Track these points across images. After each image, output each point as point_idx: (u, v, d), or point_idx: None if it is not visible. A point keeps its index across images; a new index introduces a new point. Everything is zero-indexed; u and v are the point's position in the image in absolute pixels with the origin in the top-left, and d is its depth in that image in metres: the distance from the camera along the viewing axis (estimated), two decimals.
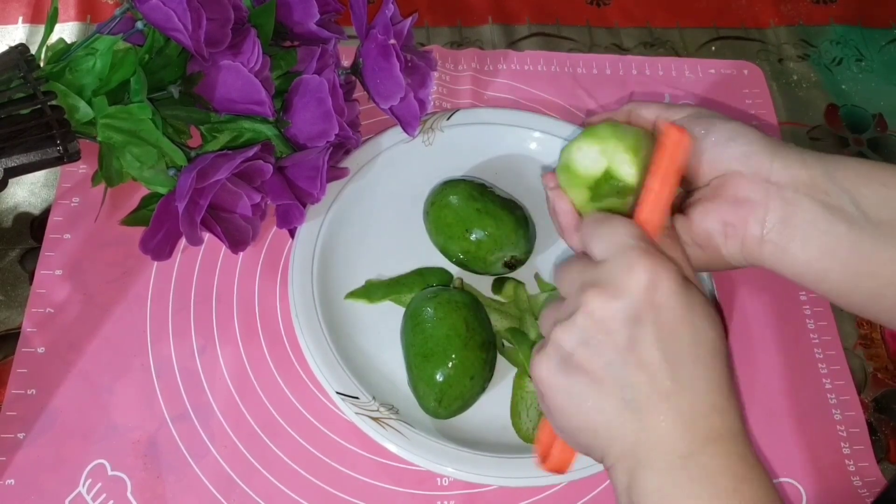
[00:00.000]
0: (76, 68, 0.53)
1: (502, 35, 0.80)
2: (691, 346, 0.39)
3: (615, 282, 0.40)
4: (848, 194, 0.43)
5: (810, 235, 0.44)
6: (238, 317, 0.60)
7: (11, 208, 0.65)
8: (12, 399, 0.55)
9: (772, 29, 0.83)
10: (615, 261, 0.40)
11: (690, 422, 0.38)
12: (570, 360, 0.40)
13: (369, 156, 0.65)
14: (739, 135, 0.46)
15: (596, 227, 0.43)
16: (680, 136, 0.43)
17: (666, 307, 0.39)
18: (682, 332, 0.39)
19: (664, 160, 0.43)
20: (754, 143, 0.46)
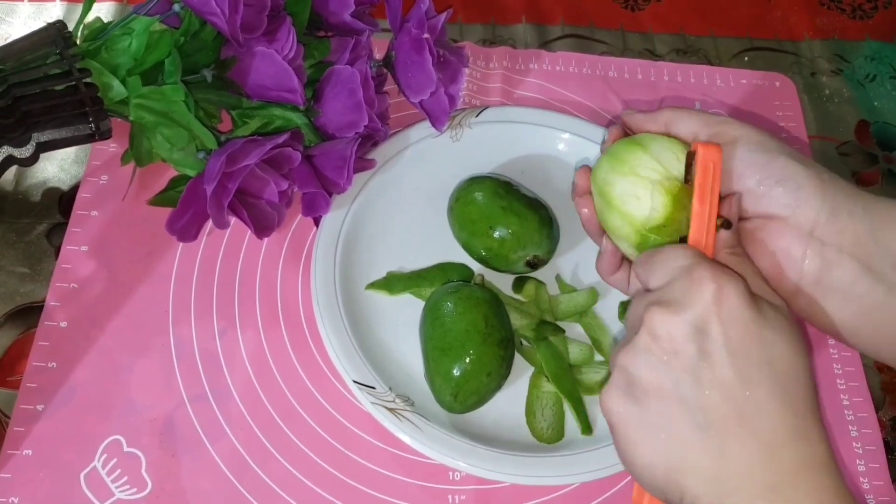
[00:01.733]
0: (112, 47, 0.53)
1: (535, 35, 0.80)
2: (767, 365, 0.37)
3: (677, 297, 0.38)
4: (891, 256, 0.41)
5: (847, 296, 0.42)
6: (260, 302, 0.60)
7: (41, 183, 0.65)
8: (33, 371, 0.56)
9: (806, 42, 0.83)
10: (676, 280, 0.39)
11: (773, 449, 0.36)
12: (637, 385, 0.38)
13: (397, 149, 0.65)
14: (790, 177, 0.43)
15: (650, 261, 0.42)
16: (712, 153, 0.43)
17: (735, 320, 0.37)
18: (755, 349, 0.37)
19: (701, 180, 0.43)
20: (803, 191, 0.43)
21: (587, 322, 0.60)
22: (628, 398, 0.39)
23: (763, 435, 0.36)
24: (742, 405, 0.36)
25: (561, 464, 0.52)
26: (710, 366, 0.37)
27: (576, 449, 0.53)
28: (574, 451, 0.53)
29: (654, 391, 0.38)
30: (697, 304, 0.37)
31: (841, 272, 0.42)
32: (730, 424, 0.36)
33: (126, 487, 0.53)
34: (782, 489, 0.36)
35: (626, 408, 0.39)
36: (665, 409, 0.38)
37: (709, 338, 0.37)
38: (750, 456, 0.36)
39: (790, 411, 0.37)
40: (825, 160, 0.74)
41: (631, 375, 0.39)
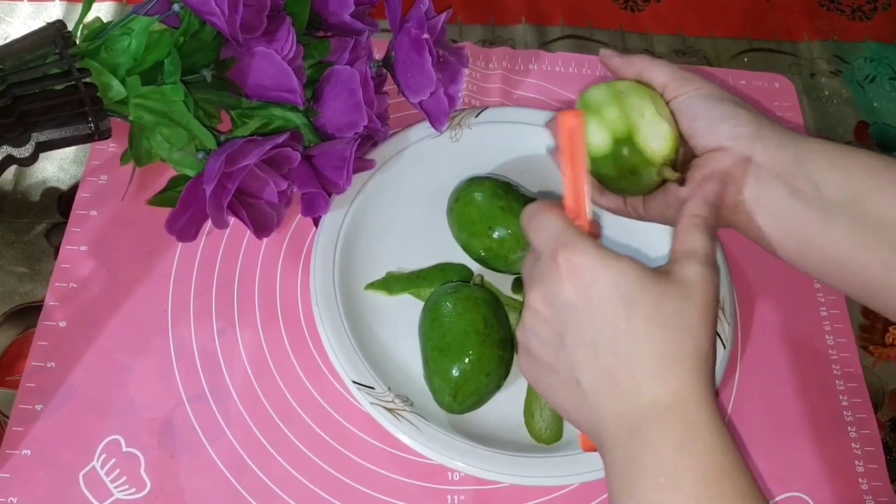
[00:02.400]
0: (111, 47, 0.53)
1: (535, 35, 0.80)
2: (625, 320, 0.40)
3: (544, 276, 0.43)
4: (811, 178, 0.47)
5: (774, 211, 0.48)
6: (259, 302, 0.60)
7: (40, 182, 0.65)
8: (32, 371, 0.56)
9: (805, 43, 0.83)
10: (543, 256, 0.44)
11: (631, 394, 0.39)
12: (530, 354, 0.44)
13: (396, 149, 0.65)
14: (732, 116, 0.49)
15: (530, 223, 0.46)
16: (570, 119, 0.46)
17: (590, 288, 0.41)
18: (613, 308, 0.40)
19: (565, 146, 0.46)
20: (742, 126, 0.49)
21: None
22: (531, 365, 0.45)
23: (622, 382, 0.40)
24: (606, 359, 0.40)
25: (560, 464, 0.52)
26: (575, 330, 0.41)
27: (575, 449, 0.53)
28: (573, 451, 0.53)
29: (543, 359, 0.43)
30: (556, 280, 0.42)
31: (769, 189, 0.48)
32: (598, 378, 0.41)
33: (125, 487, 0.53)
34: (637, 428, 0.39)
35: (532, 373, 0.45)
36: (552, 374, 0.43)
37: (570, 307, 0.41)
38: (615, 403, 0.40)
39: (651, 357, 0.39)
40: None
41: (527, 347, 0.45)
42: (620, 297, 0.40)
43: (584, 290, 0.41)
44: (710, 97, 0.51)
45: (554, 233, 0.44)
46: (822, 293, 0.65)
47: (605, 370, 0.40)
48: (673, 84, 0.52)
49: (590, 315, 0.41)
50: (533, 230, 0.45)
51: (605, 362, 0.40)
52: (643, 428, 0.39)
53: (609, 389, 0.40)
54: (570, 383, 0.42)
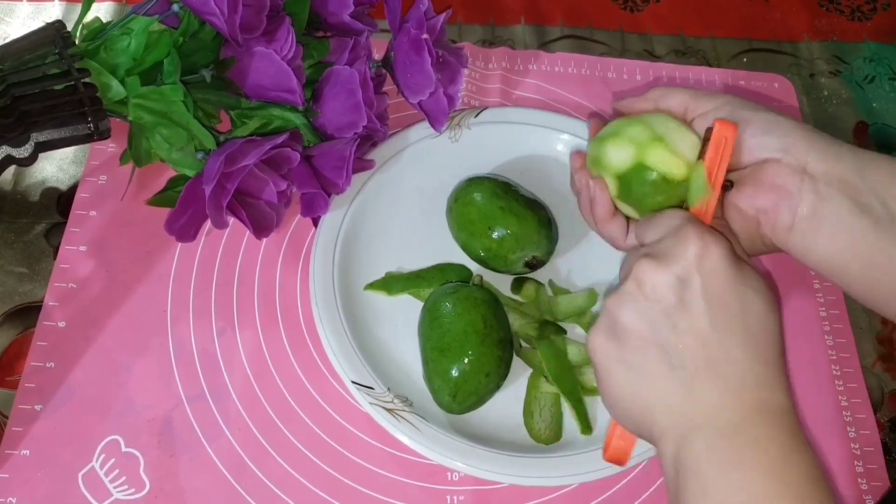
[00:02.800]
0: (111, 47, 0.53)
1: (534, 36, 0.80)
2: (741, 317, 0.40)
3: (665, 251, 0.42)
4: (876, 193, 0.44)
5: (836, 229, 0.45)
6: (258, 302, 0.60)
7: (39, 182, 0.65)
8: (31, 371, 0.56)
9: (805, 43, 0.83)
10: (667, 237, 0.43)
11: (738, 392, 0.39)
12: (620, 327, 0.42)
13: (396, 149, 0.65)
14: (777, 125, 0.47)
15: (649, 220, 0.46)
16: (727, 129, 0.46)
17: (715, 275, 0.40)
18: (731, 302, 0.40)
19: (713, 154, 0.45)
20: (791, 134, 0.46)
21: (586, 323, 0.60)
22: (612, 338, 0.43)
23: (730, 379, 0.40)
24: (713, 351, 0.40)
25: (559, 464, 0.52)
26: (688, 313, 0.40)
27: (574, 450, 0.53)
28: (572, 451, 0.53)
29: (636, 333, 0.42)
30: (682, 258, 0.41)
31: (832, 205, 0.45)
32: (700, 367, 0.40)
33: (124, 488, 0.52)
34: (743, 427, 0.39)
35: (609, 346, 0.43)
36: (643, 349, 0.41)
37: (689, 289, 0.40)
38: (716, 396, 0.39)
39: (758, 361, 0.40)
40: None
41: (616, 318, 0.42)
42: (741, 295, 0.40)
43: (709, 276, 0.40)
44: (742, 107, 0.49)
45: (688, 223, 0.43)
46: (822, 293, 0.65)
47: (712, 361, 0.40)
48: (693, 103, 0.50)
49: (707, 302, 0.40)
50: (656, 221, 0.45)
51: (712, 353, 0.40)
52: (749, 427, 0.39)
53: (712, 381, 0.40)
54: (661, 364, 0.41)
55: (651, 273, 0.41)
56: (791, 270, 0.65)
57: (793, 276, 0.65)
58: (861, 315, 0.65)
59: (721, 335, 0.40)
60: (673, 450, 0.40)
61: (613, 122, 0.52)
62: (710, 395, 0.39)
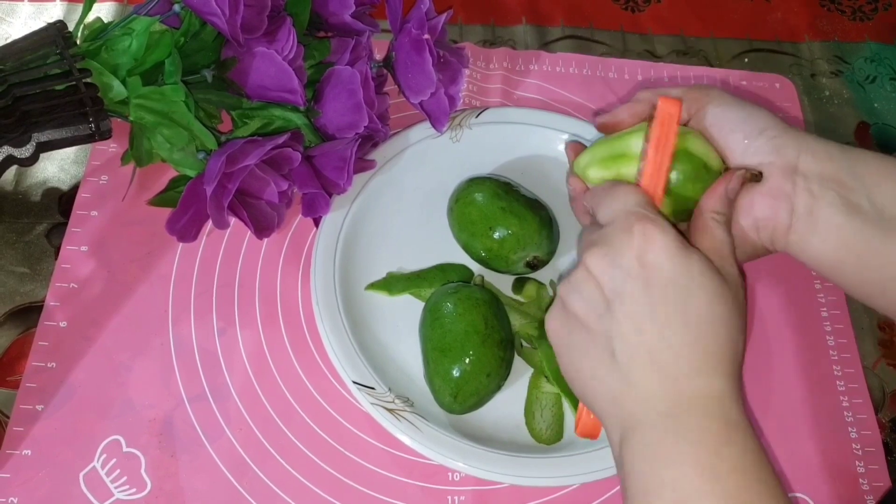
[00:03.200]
0: (112, 48, 0.53)
1: (535, 36, 0.80)
2: (682, 307, 0.40)
3: (611, 240, 0.42)
4: (866, 190, 0.45)
5: (830, 228, 0.45)
6: (259, 302, 0.60)
7: (41, 183, 0.65)
8: (33, 371, 0.56)
9: (806, 43, 0.83)
10: (614, 223, 0.43)
11: (673, 380, 0.39)
12: (569, 313, 0.43)
13: (397, 149, 0.65)
14: (769, 126, 0.47)
15: (602, 195, 0.46)
16: (672, 107, 0.46)
17: (657, 267, 0.41)
18: (672, 295, 0.40)
19: (658, 130, 0.46)
20: (783, 135, 0.47)
21: None
22: (563, 323, 0.44)
23: (665, 367, 0.40)
24: (650, 339, 0.40)
25: (560, 465, 0.52)
26: (628, 302, 0.41)
27: (575, 450, 0.53)
28: (573, 451, 0.53)
29: (582, 318, 0.43)
30: (626, 248, 0.41)
31: (825, 204, 0.45)
32: (639, 355, 0.40)
33: (125, 487, 0.53)
34: (677, 416, 0.39)
35: (561, 330, 0.44)
36: (587, 336, 0.42)
37: (630, 278, 0.41)
38: (653, 384, 0.40)
39: (695, 350, 0.40)
40: None
41: (566, 304, 0.44)
42: (682, 287, 0.40)
43: (650, 267, 0.41)
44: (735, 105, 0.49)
45: (633, 204, 0.43)
46: (823, 293, 0.65)
47: (648, 351, 0.40)
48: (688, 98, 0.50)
49: (647, 293, 0.40)
50: (606, 199, 0.45)
51: (649, 342, 0.40)
52: (683, 416, 0.39)
53: (648, 370, 0.40)
54: (603, 351, 0.41)
55: (596, 261, 0.42)
56: (792, 271, 0.65)
57: (794, 277, 0.65)
58: (862, 315, 0.65)
59: (660, 325, 0.40)
60: (617, 438, 0.41)
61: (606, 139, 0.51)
62: (647, 384, 0.40)
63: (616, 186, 0.46)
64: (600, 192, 0.46)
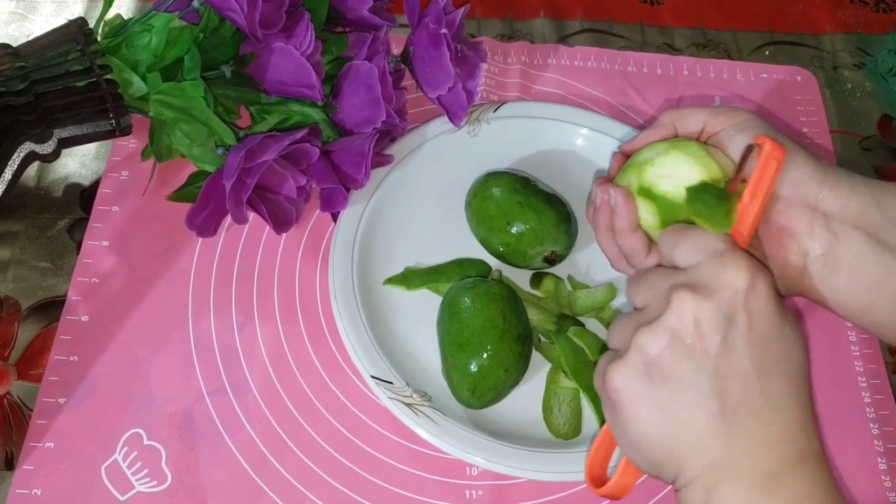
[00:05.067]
0: (132, 44, 0.54)
1: (553, 30, 0.80)
2: (783, 361, 0.38)
3: (709, 282, 0.38)
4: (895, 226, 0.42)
5: (856, 268, 0.43)
6: (278, 296, 0.60)
7: (62, 178, 0.66)
8: (55, 365, 0.57)
9: (828, 36, 0.82)
10: (709, 262, 0.39)
11: (778, 441, 0.37)
12: (656, 366, 0.38)
13: (414, 144, 0.65)
14: (790, 157, 0.44)
15: (680, 235, 0.42)
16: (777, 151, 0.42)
17: (761, 314, 0.38)
18: (774, 345, 0.38)
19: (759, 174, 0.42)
20: (804, 168, 0.44)
21: (605, 318, 0.60)
22: (643, 377, 0.39)
23: (771, 426, 0.37)
24: (755, 397, 0.37)
25: (578, 460, 0.52)
26: (732, 355, 0.37)
27: None
28: (591, 447, 0.53)
29: (672, 373, 0.38)
30: (728, 291, 0.38)
31: (849, 244, 0.42)
32: (741, 413, 0.37)
33: (146, 480, 0.53)
34: (781, 478, 0.37)
35: (640, 386, 0.39)
36: (680, 392, 0.38)
37: (734, 328, 0.37)
38: (756, 445, 0.37)
39: (799, 407, 0.38)
40: (847, 155, 0.73)
41: (649, 355, 0.39)
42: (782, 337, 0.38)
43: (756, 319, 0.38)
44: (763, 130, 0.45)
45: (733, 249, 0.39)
46: None
47: (753, 409, 0.37)
48: (712, 121, 0.48)
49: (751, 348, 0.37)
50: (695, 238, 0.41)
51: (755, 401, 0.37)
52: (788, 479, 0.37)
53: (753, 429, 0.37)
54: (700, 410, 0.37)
55: (693, 307, 0.38)
56: None
57: None
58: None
59: (763, 380, 0.37)
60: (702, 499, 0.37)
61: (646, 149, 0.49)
62: (750, 444, 0.37)
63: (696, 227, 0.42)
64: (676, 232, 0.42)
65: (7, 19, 0.75)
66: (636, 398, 0.39)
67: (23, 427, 0.54)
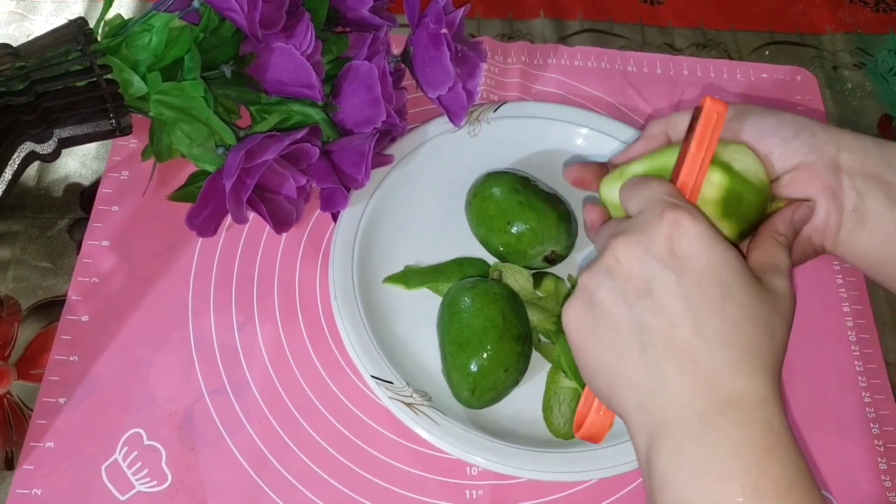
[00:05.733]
0: (132, 44, 0.54)
1: (553, 30, 0.80)
2: (718, 302, 0.38)
3: (641, 228, 0.40)
4: None
5: (876, 224, 0.44)
6: (278, 296, 0.60)
7: (62, 178, 0.66)
8: (55, 364, 0.57)
9: (828, 35, 0.82)
10: (645, 211, 0.41)
11: (711, 379, 0.37)
12: (595, 303, 0.41)
13: (414, 144, 0.65)
14: (802, 127, 0.46)
15: (633, 188, 0.44)
16: (718, 106, 0.44)
17: (692, 258, 0.39)
18: (709, 286, 0.38)
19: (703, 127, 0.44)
20: (818, 134, 0.46)
21: None
22: (586, 313, 0.41)
23: (702, 365, 0.37)
24: (687, 334, 0.38)
25: (578, 459, 0.52)
26: (661, 294, 0.39)
27: (593, 445, 0.53)
28: (591, 447, 0.53)
29: (609, 311, 0.40)
30: (658, 236, 0.40)
31: (871, 199, 0.44)
32: (672, 350, 0.38)
33: (146, 480, 0.53)
34: (712, 418, 0.36)
35: (583, 321, 0.42)
36: (615, 327, 0.40)
37: (665, 269, 0.39)
38: (686, 382, 0.37)
39: (734, 346, 0.38)
40: None
41: (591, 293, 0.41)
42: (718, 279, 0.38)
43: (684, 258, 0.39)
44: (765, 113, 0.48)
45: (666, 195, 0.41)
46: (845, 288, 0.65)
47: (684, 347, 0.38)
48: None
49: (681, 285, 0.38)
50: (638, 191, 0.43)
51: (684, 338, 0.38)
52: (721, 421, 0.36)
53: (682, 366, 0.37)
54: (631, 345, 0.39)
55: (626, 249, 0.40)
56: (813, 265, 0.64)
57: (815, 272, 0.65)
58: (885, 310, 0.64)
59: (696, 319, 0.38)
60: (644, 445, 0.38)
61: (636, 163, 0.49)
62: (680, 382, 0.37)
63: (648, 179, 0.44)
64: (631, 185, 0.44)
65: (7, 19, 0.75)
66: (581, 331, 0.42)
67: (23, 427, 0.54)
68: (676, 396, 0.38)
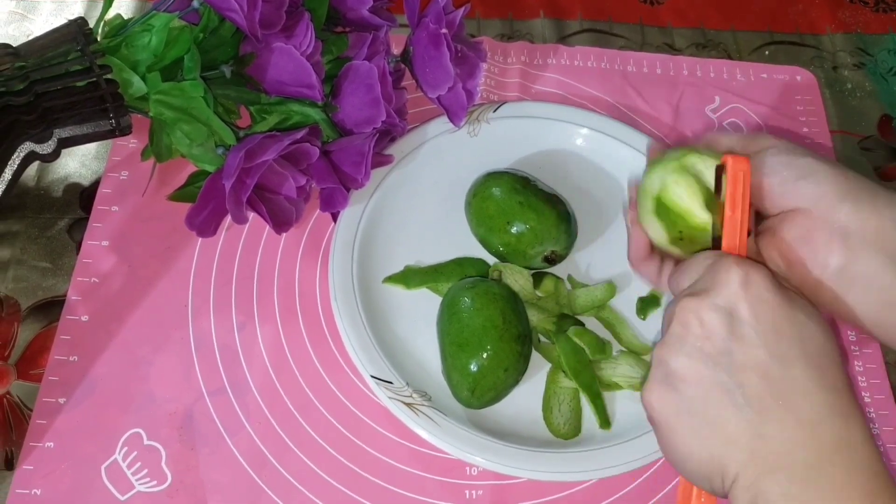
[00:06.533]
0: (132, 44, 0.54)
1: (553, 30, 0.80)
2: (798, 343, 0.38)
3: (706, 286, 0.40)
4: None
5: (870, 286, 0.43)
6: (278, 296, 0.60)
7: (62, 178, 0.66)
8: (55, 364, 0.57)
9: (828, 36, 0.82)
10: (704, 274, 0.41)
11: (812, 426, 0.36)
12: (674, 375, 0.39)
13: (414, 144, 0.65)
14: (813, 173, 0.45)
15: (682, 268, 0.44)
16: (742, 164, 0.45)
17: (763, 302, 0.38)
18: (784, 328, 0.38)
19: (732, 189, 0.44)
20: (825, 183, 0.44)
21: (604, 316, 0.60)
22: (667, 389, 0.40)
23: (801, 413, 0.37)
24: (778, 384, 0.37)
25: (578, 459, 0.52)
26: (743, 346, 0.38)
27: (593, 445, 0.53)
28: (591, 447, 0.53)
29: (691, 377, 0.39)
30: (724, 288, 0.39)
31: (865, 263, 0.43)
32: (767, 403, 0.37)
33: (146, 480, 0.53)
34: (821, 467, 0.36)
35: (666, 399, 0.40)
36: (703, 393, 0.38)
37: (739, 320, 0.38)
38: (789, 434, 0.37)
39: (826, 389, 0.37)
40: (847, 155, 0.73)
41: (667, 366, 0.40)
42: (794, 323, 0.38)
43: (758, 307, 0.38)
44: (784, 151, 0.46)
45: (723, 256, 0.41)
46: None
47: (779, 396, 0.37)
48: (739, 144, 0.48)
49: (761, 334, 0.38)
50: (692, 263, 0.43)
51: (779, 387, 0.37)
52: (828, 467, 0.36)
53: (782, 416, 0.37)
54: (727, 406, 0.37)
55: (695, 310, 0.39)
56: None
57: None
58: None
59: (782, 365, 0.37)
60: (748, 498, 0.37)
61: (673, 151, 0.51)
62: (783, 432, 0.37)
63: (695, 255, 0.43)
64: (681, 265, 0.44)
65: (7, 19, 0.75)
66: (665, 410, 0.40)
67: (23, 427, 0.54)
68: (780, 446, 0.37)
